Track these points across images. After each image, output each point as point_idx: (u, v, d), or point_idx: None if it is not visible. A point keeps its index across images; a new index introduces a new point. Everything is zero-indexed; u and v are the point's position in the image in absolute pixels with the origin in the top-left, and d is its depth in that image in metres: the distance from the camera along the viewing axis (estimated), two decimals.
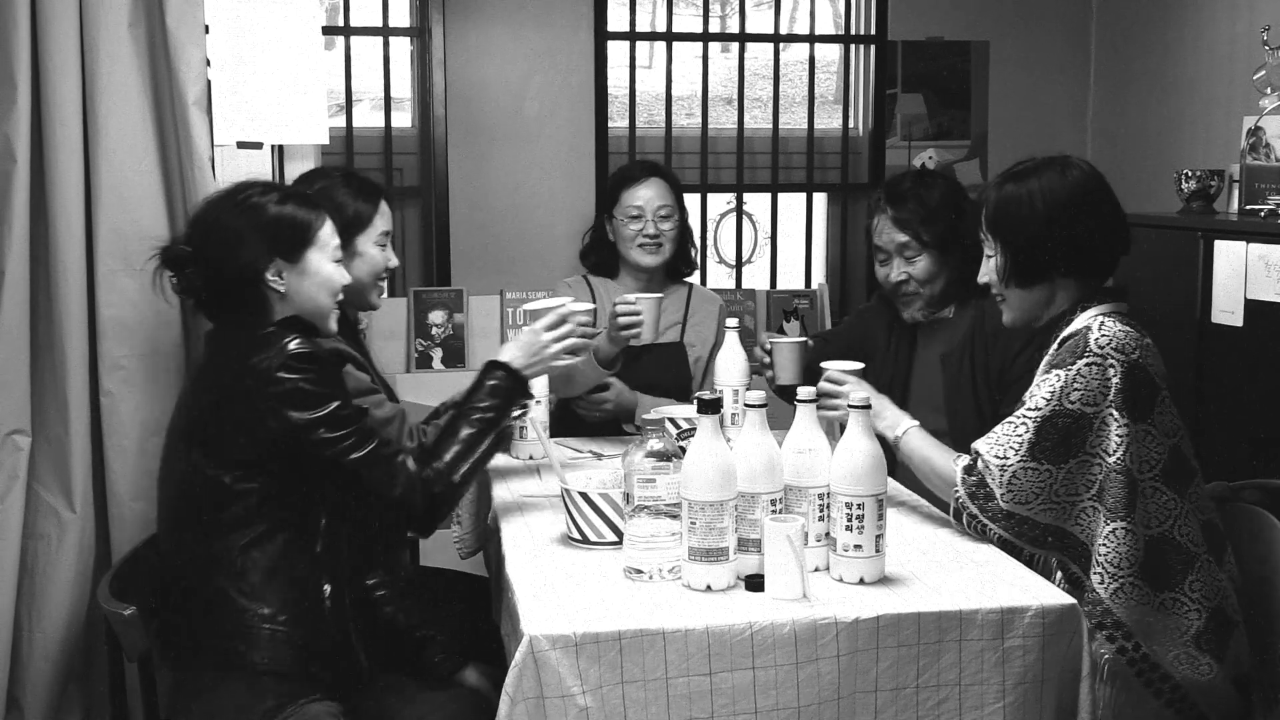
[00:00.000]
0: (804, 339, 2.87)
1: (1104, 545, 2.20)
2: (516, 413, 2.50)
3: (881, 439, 2.31)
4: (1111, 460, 2.20)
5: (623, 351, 3.12)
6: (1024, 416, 2.24)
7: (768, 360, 2.87)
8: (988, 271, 2.41)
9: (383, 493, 2.19)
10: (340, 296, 2.35)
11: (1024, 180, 2.34)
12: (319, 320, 2.33)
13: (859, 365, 2.56)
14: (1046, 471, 2.21)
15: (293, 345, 2.16)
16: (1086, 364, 2.21)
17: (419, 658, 2.39)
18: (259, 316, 2.24)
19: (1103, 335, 2.23)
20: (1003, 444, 2.24)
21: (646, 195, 3.33)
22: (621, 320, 3.03)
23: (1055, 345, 2.31)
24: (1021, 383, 2.66)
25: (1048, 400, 2.21)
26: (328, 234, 2.32)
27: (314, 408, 2.14)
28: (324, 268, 2.31)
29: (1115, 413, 2.20)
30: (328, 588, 2.21)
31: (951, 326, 2.90)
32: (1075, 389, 2.20)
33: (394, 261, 2.77)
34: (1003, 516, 2.24)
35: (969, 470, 2.28)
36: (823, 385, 2.49)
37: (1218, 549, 2.28)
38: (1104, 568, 2.20)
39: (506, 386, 2.40)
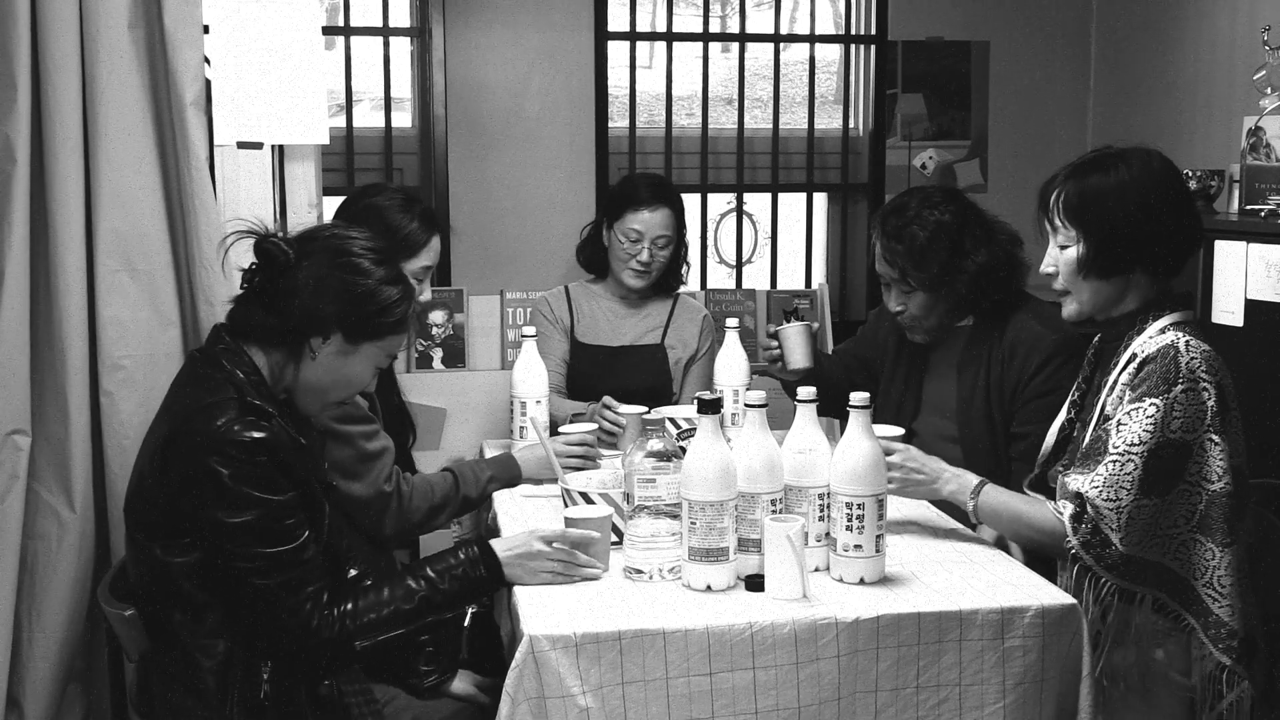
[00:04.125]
0: (808, 322, 2.85)
1: (1227, 576, 2.14)
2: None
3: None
4: (1218, 486, 2.14)
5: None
6: (1128, 454, 2.14)
7: (776, 349, 2.84)
8: (1056, 261, 2.33)
9: (270, 634, 1.99)
10: (340, 406, 2.16)
11: (1111, 171, 2.27)
12: (307, 401, 2.14)
13: (899, 431, 2.57)
14: (1154, 505, 2.14)
15: (233, 426, 1.94)
16: (1183, 390, 2.14)
17: (405, 668, 2.31)
18: (277, 359, 2.08)
19: (1192, 358, 2.16)
20: (1112, 485, 2.15)
21: (649, 222, 3.33)
22: (606, 427, 3.00)
23: (1133, 365, 2.21)
24: (1038, 402, 2.65)
25: (1150, 433, 2.13)
26: (397, 343, 2.15)
27: (228, 509, 1.93)
28: (364, 368, 2.12)
29: (1215, 436, 2.15)
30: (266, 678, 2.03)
31: (968, 336, 2.86)
32: (1175, 417, 2.14)
33: (426, 295, 2.72)
34: (1121, 563, 2.15)
35: (1077, 518, 2.19)
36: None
37: (1255, 569, 2.25)
38: (1232, 596, 2.14)
39: (475, 579, 2.10)
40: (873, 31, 4.58)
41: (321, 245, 2.10)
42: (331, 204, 3.15)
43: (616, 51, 4.40)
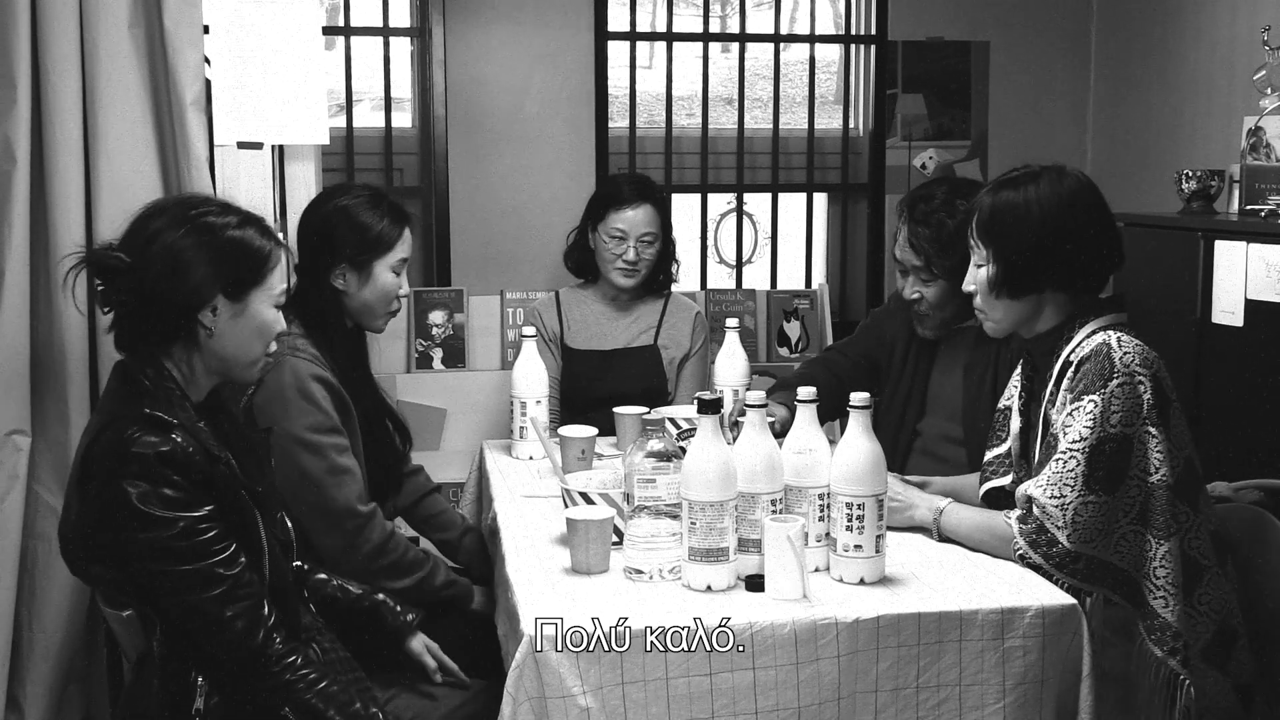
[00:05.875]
0: (773, 419, 2.69)
1: (1162, 567, 2.14)
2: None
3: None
4: (1155, 478, 2.14)
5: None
6: (1069, 451, 2.14)
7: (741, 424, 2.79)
8: (974, 280, 2.33)
9: (207, 652, 1.91)
10: (273, 346, 2.08)
11: (1020, 188, 2.26)
12: (239, 370, 2.05)
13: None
14: (1104, 503, 2.13)
15: (139, 439, 1.85)
16: (1119, 384, 2.14)
17: (375, 627, 2.29)
18: (180, 355, 1.99)
19: (1126, 353, 2.16)
20: (1055, 483, 2.15)
21: (632, 220, 3.32)
22: None
23: (1070, 370, 2.21)
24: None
25: (1090, 429, 2.13)
26: (279, 275, 2.04)
27: (142, 529, 1.84)
28: (264, 313, 2.02)
29: (1152, 429, 2.14)
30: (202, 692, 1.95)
31: (976, 336, 2.80)
32: (1114, 411, 2.13)
33: (406, 289, 2.67)
34: (1070, 560, 2.14)
35: (1023, 519, 2.19)
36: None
37: (1222, 559, 2.25)
38: (1166, 589, 2.14)
39: None
40: (873, 31, 4.58)
41: (160, 226, 1.96)
42: None
43: (616, 51, 4.40)
